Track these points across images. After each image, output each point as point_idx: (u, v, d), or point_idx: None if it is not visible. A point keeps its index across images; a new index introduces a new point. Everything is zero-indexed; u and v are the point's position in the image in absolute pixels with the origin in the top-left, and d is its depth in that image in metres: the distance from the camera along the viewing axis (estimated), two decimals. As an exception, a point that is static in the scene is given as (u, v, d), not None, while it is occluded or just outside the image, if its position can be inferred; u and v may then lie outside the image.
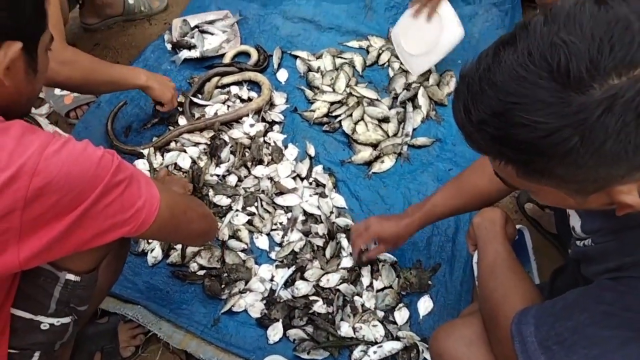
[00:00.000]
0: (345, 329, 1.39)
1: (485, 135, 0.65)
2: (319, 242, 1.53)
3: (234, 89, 1.90)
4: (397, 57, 1.95)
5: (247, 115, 1.78)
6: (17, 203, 0.73)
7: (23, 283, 0.92)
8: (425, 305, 1.44)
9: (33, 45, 0.85)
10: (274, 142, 1.75)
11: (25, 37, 0.82)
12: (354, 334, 1.39)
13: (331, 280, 1.46)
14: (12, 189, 0.72)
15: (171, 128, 1.78)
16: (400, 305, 1.44)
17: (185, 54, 1.97)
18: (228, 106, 1.84)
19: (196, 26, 2.06)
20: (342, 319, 1.41)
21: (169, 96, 1.71)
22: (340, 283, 1.46)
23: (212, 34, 2.05)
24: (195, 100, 1.84)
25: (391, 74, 1.94)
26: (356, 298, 1.44)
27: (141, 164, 1.70)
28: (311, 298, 1.44)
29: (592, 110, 0.56)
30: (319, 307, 1.42)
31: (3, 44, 0.78)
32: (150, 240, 1.53)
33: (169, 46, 2.03)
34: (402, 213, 1.35)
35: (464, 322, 1.06)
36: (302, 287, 1.45)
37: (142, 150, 1.72)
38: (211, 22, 2.08)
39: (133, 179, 0.86)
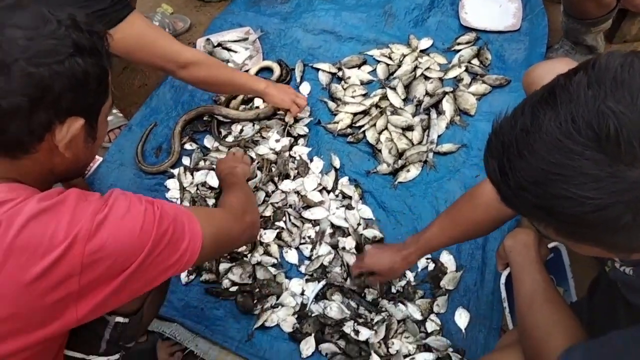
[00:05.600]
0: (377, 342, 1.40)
1: (525, 202, 0.61)
2: (348, 258, 1.53)
3: (257, 101, 1.93)
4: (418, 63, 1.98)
5: (243, 119, 1.86)
6: (74, 269, 0.77)
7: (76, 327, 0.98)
8: (462, 318, 1.43)
9: (94, 116, 0.89)
10: (300, 155, 1.77)
11: (88, 112, 0.86)
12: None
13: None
14: (69, 256, 0.76)
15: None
16: (432, 316, 1.43)
17: (210, 72, 2.01)
18: (254, 123, 1.87)
19: (219, 44, 2.10)
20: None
21: (288, 101, 1.76)
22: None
23: (235, 51, 2.09)
24: (221, 118, 1.88)
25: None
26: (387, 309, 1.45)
27: (172, 183, 1.76)
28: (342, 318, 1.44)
29: None
30: (349, 327, 1.41)
31: (67, 120, 0.82)
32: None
33: (194, 66, 2.07)
34: (401, 243, 1.34)
35: (502, 357, 1.03)
36: (335, 312, 1.45)
37: (172, 171, 1.78)
38: (234, 40, 2.12)
39: (177, 222, 0.88)
